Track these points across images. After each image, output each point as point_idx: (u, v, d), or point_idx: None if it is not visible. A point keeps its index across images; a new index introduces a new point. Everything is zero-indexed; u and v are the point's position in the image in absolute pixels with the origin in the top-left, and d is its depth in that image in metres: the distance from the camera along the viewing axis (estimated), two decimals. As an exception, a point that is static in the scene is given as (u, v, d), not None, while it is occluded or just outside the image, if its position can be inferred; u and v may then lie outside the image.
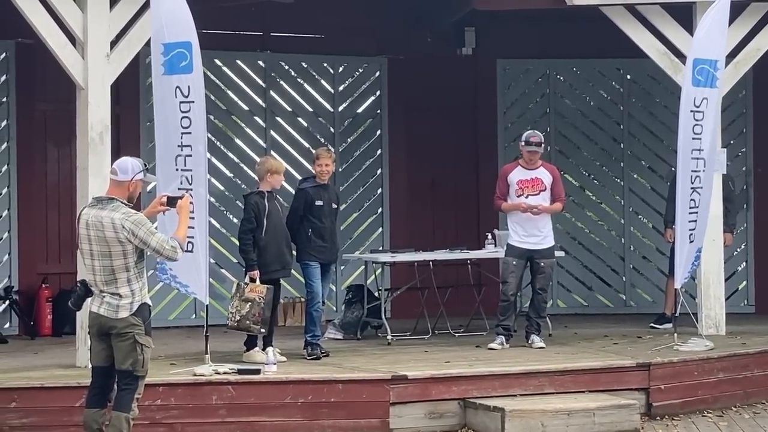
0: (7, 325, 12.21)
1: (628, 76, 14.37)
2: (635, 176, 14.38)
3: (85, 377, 8.44)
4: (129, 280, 7.48)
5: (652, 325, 12.16)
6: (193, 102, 9.29)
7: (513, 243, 10.79)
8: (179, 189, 9.07)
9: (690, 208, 10.46)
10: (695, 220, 10.54)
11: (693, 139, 10.44)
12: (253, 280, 9.83)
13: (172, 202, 7.83)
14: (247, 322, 9.68)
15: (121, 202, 7.53)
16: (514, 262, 10.72)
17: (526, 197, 10.73)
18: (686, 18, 11.26)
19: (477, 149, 14.11)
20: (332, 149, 10.78)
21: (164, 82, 9.35)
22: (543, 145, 10.90)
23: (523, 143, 10.95)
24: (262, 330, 9.78)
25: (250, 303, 9.67)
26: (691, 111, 10.43)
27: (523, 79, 14.44)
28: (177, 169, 9.32)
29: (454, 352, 10.49)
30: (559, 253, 12.68)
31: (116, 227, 7.42)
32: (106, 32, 9.61)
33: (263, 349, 9.87)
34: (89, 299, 7.60)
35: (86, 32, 9.54)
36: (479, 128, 14.12)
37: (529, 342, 10.78)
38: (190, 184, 9.27)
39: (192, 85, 9.29)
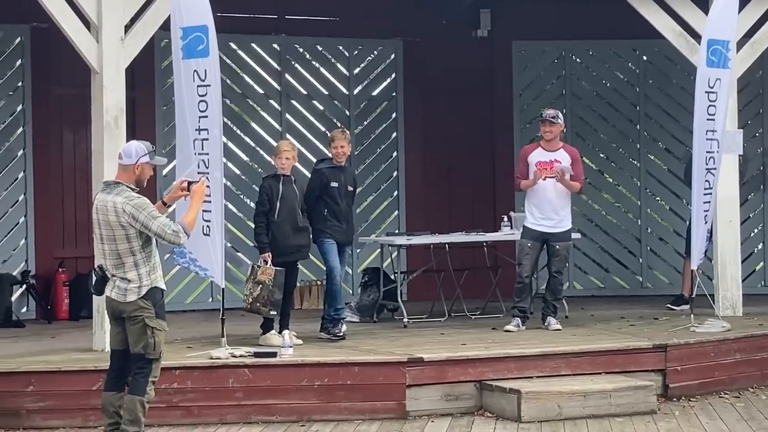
0: (24, 310, 12.26)
1: (645, 57, 14.31)
2: (652, 158, 14.34)
3: (101, 361, 8.48)
4: (136, 264, 7.48)
5: (669, 306, 12.13)
6: (209, 86, 9.29)
7: (529, 225, 10.76)
8: (198, 173, 9.09)
9: (705, 189, 10.45)
10: (710, 201, 10.54)
11: (707, 120, 10.45)
12: (266, 263, 9.85)
13: (192, 187, 7.83)
14: (258, 304, 9.71)
15: (127, 186, 7.53)
16: (529, 245, 10.69)
17: (544, 179, 10.68)
18: (702, -2, 11.22)
19: (493, 131, 14.08)
20: (347, 131, 10.75)
21: (183, 67, 9.36)
22: (559, 119, 10.78)
23: (539, 119, 10.94)
24: (272, 312, 9.80)
25: (260, 285, 9.70)
26: (706, 92, 10.42)
27: (539, 61, 14.40)
28: (195, 153, 9.33)
29: (471, 335, 10.49)
30: (575, 235, 12.65)
31: (117, 211, 7.43)
32: (121, 16, 9.61)
33: (279, 332, 9.89)
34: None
35: (100, 16, 9.54)
36: (495, 110, 14.09)
37: (546, 324, 10.77)
38: (207, 168, 9.29)
39: (208, 69, 9.29)
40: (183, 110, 9.42)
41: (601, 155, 14.50)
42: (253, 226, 10.32)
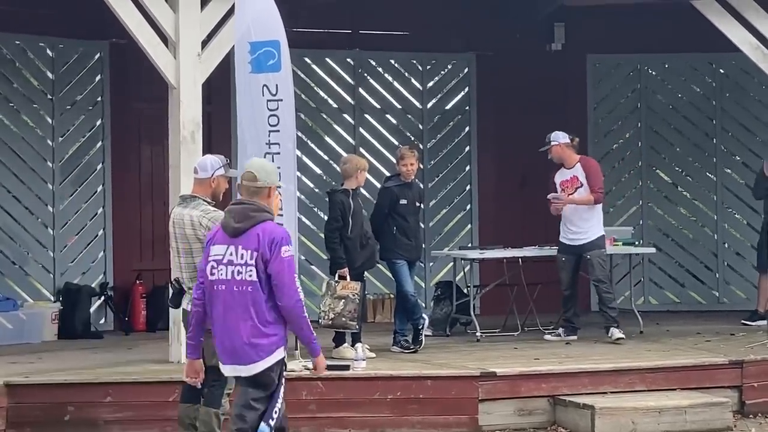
0: (102, 321, 12.43)
1: (721, 71, 14.18)
2: (728, 172, 14.18)
3: (178, 372, 8.55)
4: (211, 276, 7.55)
5: (743, 321, 12.00)
6: (281, 100, 9.36)
7: (561, 240, 11.15)
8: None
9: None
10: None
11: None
12: (342, 278, 9.88)
13: None
14: (343, 319, 9.70)
15: (203, 200, 7.62)
16: (563, 258, 11.08)
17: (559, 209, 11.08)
18: (780, 11, 11.09)
19: (567, 145, 13.99)
20: (415, 149, 10.80)
21: (251, 81, 9.41)
22: (550, 143, 11.13)
23: None
24: (357, 326, 9.84)
25: (344, 300, 9.70)
26: (782, 105, 10.35)
27: (614, 75, 14.33)
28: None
29: (544, 349, 10.45)
30: (650, 250, 12.62)
31: (194, 224, 7.52)
32: (198, 32, 9.73)
33: (352, 345, 9.92)
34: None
35: (178, 32, 9.67)
36: (569, 124, 13.95)
37: (609, 335, 10.85)
38: (279, 181, 9.32)
39: (280, 84, 9.36)
40: (251, 124, 9.43)
41: (677, 169, 14.39)
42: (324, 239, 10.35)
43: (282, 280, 6.22)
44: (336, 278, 9.93)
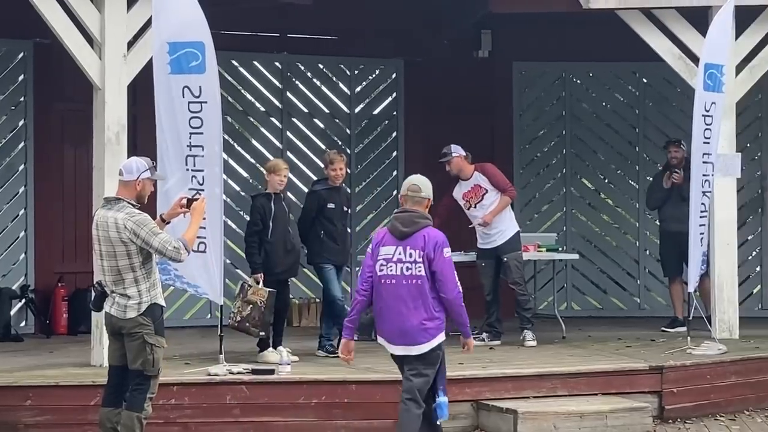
0: (23, 324, 12.28)
1: (644, 80, 14.38)
2: (650, 179, 14.34)
3: (99, 376, 8.50)
4: (136, 280, 7.51)
5: (663, 328, 12.17)
6: (205, 102, 9.28)
7: (479, 245, 11.31)
8: (189, 189, 9.09)
9: (701, 212, 10.53)
10: (705, 224, 10.61)
11: (704, 143, 10.56)
12: (257, 282, 9.85)
13: (191, 204, 7.86)
14: (247, 324, 9.69)
15: (128, 203, 7.56)
16: (483, 264, 11.25)
17: (475, 207, 11.20)
18: (702, 22, 11.25)
19: (493, 151, 14.07)
20: (347, 152, 10.82)
21: (171, 82, 9.30)
22: (448, 155, 11.17)
23: None
24: (261, 333, 9.80)
25: (251, 305, 9.68)
26: (702, 115, 10.54)
27: (540, 82, 14.47)
28: (187, 170, 9.31)
29: (468, 354, 10.46)
30: (573, 256, 12.77)
31: (119, 227, 7.46)
32: (123, 33, 9.67)
33: (274, 349, 9.91)
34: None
35: (103, 33, 9.60)
36: (495, 131, 14.14)
37: (521, 338, 11.01)
38: (201, 185, 9.27)
39: (204, 85, 9.28)
40: (172, 126, 9.29)
41: (600, 176, 14.56)
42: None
43: (445, 276, 7.42)
44: (250, 282, 9.89)
